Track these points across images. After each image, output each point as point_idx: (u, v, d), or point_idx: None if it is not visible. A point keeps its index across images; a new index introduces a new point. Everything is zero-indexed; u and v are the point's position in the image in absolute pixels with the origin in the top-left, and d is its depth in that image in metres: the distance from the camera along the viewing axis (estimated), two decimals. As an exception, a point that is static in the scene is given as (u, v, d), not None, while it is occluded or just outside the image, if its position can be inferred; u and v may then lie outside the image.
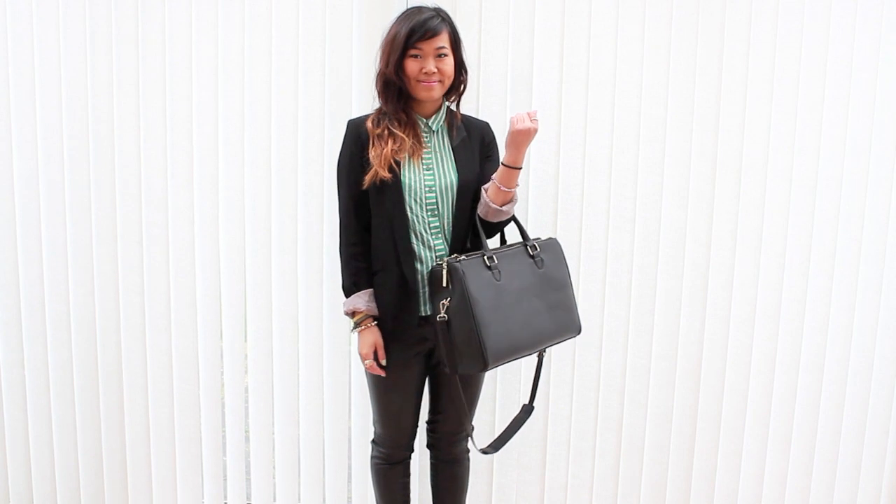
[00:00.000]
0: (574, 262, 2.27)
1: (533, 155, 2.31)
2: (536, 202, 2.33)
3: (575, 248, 2.33)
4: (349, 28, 2.26)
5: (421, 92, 1.83)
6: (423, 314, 1.88)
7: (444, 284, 1.75)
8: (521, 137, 1.80)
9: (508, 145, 1.82)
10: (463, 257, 1.77)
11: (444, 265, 1.75)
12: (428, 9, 1.83)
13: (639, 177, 2.33)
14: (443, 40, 1.81)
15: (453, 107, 1.96)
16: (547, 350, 1.95)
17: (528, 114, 1.81)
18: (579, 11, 2.26)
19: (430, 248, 1.87)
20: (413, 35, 1.79)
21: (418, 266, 1.86)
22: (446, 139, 1.91)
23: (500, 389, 2.41)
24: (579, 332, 1.94)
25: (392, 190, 1.84)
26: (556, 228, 2.33)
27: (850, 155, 2.34)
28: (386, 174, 1.82)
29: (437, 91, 1.84)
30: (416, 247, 1.86)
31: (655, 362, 2.41)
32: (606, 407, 2.43)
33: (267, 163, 2.30)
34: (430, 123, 1.89)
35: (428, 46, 1.80)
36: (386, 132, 1.85)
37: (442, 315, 1.75)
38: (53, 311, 2.34)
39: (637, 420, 2.44)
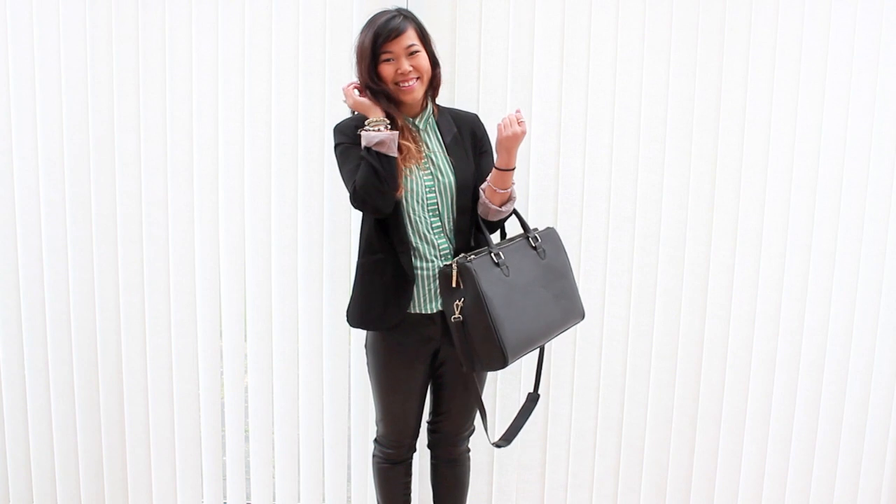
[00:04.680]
0: (574, 262, 2.25)
1: (533, 154, 2.31)
2: (536, 202, 2.32)
3: (575, 248, 2.33)
4: (349, 28, 2.26)
5: (403, 95, 1.81)
6: (428, 312, 1.87)
7: (455, 285, 1.74)
8: (510, 143, 1.80)
9: (499, 150, 1.82)
10: (472, 256, 1.77)
11: (454, 266, 1.75)
12: (389, 10, 1.81)
13: (639, 177, 2.33)
14: (410, 38, 1.79)
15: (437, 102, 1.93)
16: (546, 347, 1.96)
17: (515, 117, 1.80)
18: (579, 11, 2.26)
19: (433, 245, 1.85)
20: (378, 38, 1.77)
21: (416, 262, 1.84)
22: (437, 137, 1.90)
23: (500, 388, 2.41)
24: (583, 317, 1.96)
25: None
26: (557, 228, 2.33)
27: (851, 155, 2.33)
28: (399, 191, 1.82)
29: (419, 90, 1.83)
30: (413, 240, 1.84)
31: (655, 362, 2.41)
32: (606, 407, 2.43)
33: (267, 163, 2.30)
34: (416, 123, 1.88)
35: (396, 47, 1.78)
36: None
37: (457, 316, 1.75)
38: (53, 311, 2.34)
39: (637, 420, 2.44)
